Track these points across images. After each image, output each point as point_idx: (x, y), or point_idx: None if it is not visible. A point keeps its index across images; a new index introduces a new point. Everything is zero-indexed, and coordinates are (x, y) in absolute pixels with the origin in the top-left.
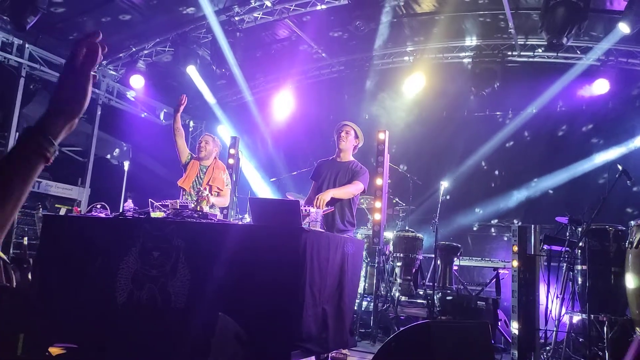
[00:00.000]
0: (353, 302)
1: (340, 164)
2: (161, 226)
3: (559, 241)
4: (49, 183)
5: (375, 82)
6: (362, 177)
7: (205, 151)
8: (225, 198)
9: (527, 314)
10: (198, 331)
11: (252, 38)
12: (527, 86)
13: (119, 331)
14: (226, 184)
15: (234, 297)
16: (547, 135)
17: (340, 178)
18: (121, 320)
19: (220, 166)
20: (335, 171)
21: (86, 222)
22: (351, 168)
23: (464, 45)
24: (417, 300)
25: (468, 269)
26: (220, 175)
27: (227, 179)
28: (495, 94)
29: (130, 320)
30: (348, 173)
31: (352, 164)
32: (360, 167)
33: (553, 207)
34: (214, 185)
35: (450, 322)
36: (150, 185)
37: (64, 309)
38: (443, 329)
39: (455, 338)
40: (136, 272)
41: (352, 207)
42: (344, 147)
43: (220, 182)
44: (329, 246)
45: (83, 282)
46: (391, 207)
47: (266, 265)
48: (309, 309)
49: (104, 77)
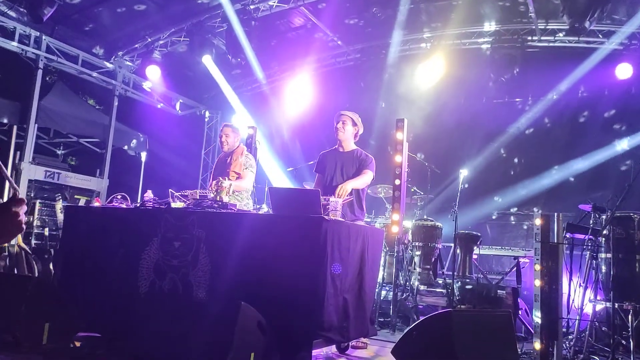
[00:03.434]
0: (373, 291)
1: (344, 154)
2: (182, 216)
3: (582, 229)
4: (68, 174)
5: (392, 69)
6: (371, 165)
7: (228, 145)
8: (245, 180)
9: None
10: (220, 320)
11: (267, 27)
12: (547, 72)
13: (142, 320)
14: (245, 166)
15: (254, 287)
16: (568, 122)
17: (346, 168)
18: (143, 310)
19: (239, 150)
20: (340, 162)
21: (108, 213)
22: (357, 157)
23: (483, 30)
24: (436, 289)
25: (487, 258)
26: (238, 159)
27: (246, 162)
28: (514, 80)
29: (153, 309)
30: (355, 162)
31: (356, 152)
32: (366, 156)
33: (574, 195)
34: (232, 171)
35: (471, 311)
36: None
37: (87, 299)
38: (465, 318)
39: (477, 327)
40: (158, 262)
41: (361, 195)
42: (342, 138)
43: (238, 166)
44: (349, 235)
45: (105, 272)
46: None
47: (287, 255)
48: (330, 299)
49: (120, 68)
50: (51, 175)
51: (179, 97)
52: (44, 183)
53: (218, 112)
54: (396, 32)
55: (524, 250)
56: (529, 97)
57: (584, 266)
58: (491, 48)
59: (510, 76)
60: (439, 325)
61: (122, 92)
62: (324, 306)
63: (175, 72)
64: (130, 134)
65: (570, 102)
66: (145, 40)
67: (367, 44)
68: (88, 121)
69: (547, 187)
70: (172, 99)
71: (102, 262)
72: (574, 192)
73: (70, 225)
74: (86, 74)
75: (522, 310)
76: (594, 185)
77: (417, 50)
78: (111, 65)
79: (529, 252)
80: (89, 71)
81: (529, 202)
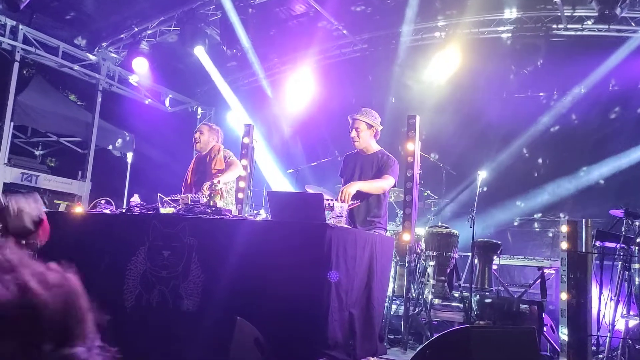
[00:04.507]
0: (382, 305)
1: (365, 157)
2: (172, 223)
3: (613, 237)
4: (47, 177)
5: (402, 61)
6: (392, 169)
7: (200, 143)
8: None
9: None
10: (213, 337)
11: (265, 14)
12: (574, 63)
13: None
14: (228, 157)
15: (251, 300)
16: (597, 118)
17: (365, 172)
18: (130, 326)
19: (215, 148)
20: (360, 165)
21: (90, 220)
22: (377, 160)
23: (503, 18)
24: (452, 303)
25: (508, 269)
26: (217, 156)
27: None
28: (538, 73)
29: (140, 325)
30: (374, 165)
31: (378, 154)
32: (388, 158)
33: (604, 199)
34: (214, 168)
35: (491, 328)
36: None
37: None
38: (484, 335)
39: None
40: (145, 273)
41: (380, 202)
42: (360, 146)
43: (219, 162)
44: (356, 244)
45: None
46: (422, 200)
47: (287, 265)
48: (334, 314)
49: (104, 61)
50: (28, 177)
51: (169, 92)
52: (20, 186)
53: (211, 109)
54: (407, 20)
55: (550, 261)
56: (554, 91)
57: (616, 278)
58: (512, 37)
59: (533, 68)
60: (455, 344)
61: (107, 87)
62: (327, 322)
63: (164, 64)
64: (115, 132)
65: (599, 97)
66: (131, 29)
67: (375, 34)
68: (69, 118)
69: (574, 191)
70: (161, 94)
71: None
72: (605, 196)
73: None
74: (67, 67)
75: (548, 326)
76: (626, 189)
77: (431, 40)
78: (94, 58)
79: (555, 262)
80: (70, 64)
81: (555, 207)
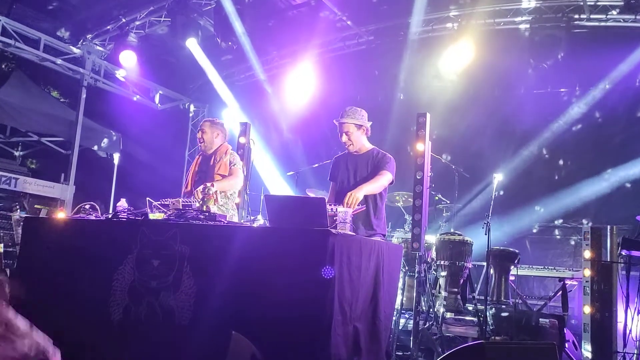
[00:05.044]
0: (390, 319)
1: (358, 156)
2: (161, 230)
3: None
4: (27, 180)
5: (411, 54)
6: (388, 165)
7: (204, 143)
8: (232, 178)
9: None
10: (207, 353)
11: (263, 4)
12: (598, 57)
13: (114, 354)
14: (233, 163)
15: (248, 313)
16: (623, 116)
17: (360, 171)
18: (117, 341)
19: (222, 149)
20: (353, 165)
21: (74, 226)
22: (372, 157)
23: (520, 7)
24: (465, 317)
25: (527, 280)
26: (222, 159)
27: (232, 159)
28: (558, 67)
29: (127, 340)
30: (369, 163)
31: (372, 152)
32: (383, 155)
33: (631, 204)
34: (217, 173)
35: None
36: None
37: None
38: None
39: None
40: (133, 283)
41: (379, 204)
42: (353, 149)
43: (223, 167)
44: (361, 252)
45: (71, 296)
46: (433, 205)
47: (286, 276)
48: (338, 328)
49: (89, 54)
50: (7, 180)
51: (159, 87)
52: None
53: (205, 106)
54: (417, 10)
55: (571, 271)
56: (576, 87)
57: None
58: (530, 28)
59: (553, 62)
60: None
61: (92, 82)
62: (330, 337)
63: (154, 58)
64: (101, 131)
65: (625, 93)
66: (118, 20)
67: (382, 25)
68: (51, 116)
69: (598, 195)
70: (150, 91)
71: (66, 285)
72: (631, 201)
73: (30, 240)
74: (49, 60)
75: (570, 342)
76: None
77: (442, 31)
78: (78, 51)
79: (577, 272)
80: (53, 57)
81: (577, 213)
